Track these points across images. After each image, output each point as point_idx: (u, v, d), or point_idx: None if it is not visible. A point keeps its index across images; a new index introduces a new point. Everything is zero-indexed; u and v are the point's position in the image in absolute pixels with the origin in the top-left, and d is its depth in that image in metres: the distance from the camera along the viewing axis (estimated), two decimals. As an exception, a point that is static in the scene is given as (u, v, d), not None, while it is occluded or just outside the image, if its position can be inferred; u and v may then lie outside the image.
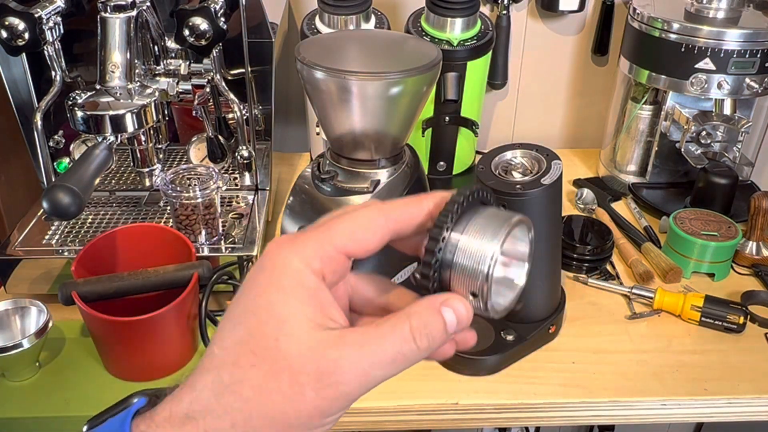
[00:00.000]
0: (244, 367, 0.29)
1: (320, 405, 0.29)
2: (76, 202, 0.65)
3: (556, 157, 0.69)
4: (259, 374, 0.29)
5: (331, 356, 0.29)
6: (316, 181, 0.69)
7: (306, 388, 0.29)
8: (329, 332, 0.30)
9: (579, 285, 0.88)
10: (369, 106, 0.64)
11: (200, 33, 0.79)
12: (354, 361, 0.30)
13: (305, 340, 0.29)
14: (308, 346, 0.29)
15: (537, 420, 0.73)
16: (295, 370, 0.29)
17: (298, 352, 0.29)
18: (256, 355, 0.29)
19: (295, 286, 0.30)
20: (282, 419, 0.29)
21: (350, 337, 0.30)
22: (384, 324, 0.31)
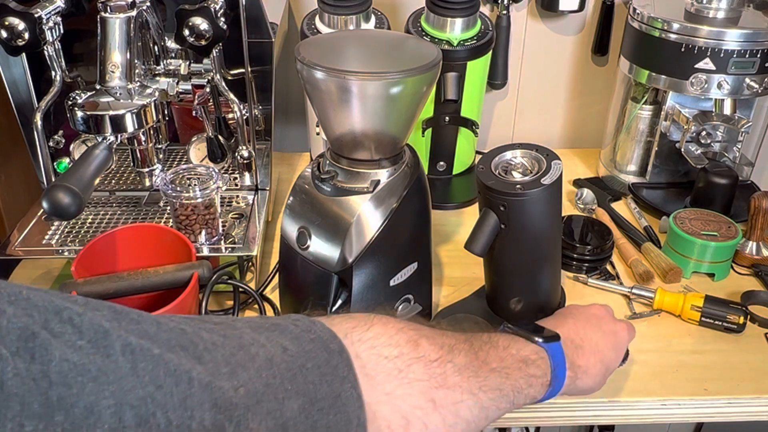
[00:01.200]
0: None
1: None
2: (76, 202, 0.65)
3: (556, 157, 0.69)
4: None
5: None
6: (316, 181, 0.69)
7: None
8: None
9: (579, 285, 0.88)
10: (369, 106, 0.64)
11: (200, 33, 0.79)
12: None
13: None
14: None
15: (537, 420, 0.73)
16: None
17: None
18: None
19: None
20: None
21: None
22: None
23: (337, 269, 0.66)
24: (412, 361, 0.42)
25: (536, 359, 0.52)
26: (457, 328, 0.50)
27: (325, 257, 0.67)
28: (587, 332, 0.61)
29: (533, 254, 0.73)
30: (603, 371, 0.60)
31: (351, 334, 0.41)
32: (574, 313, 0.64)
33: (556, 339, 0.55)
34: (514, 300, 0.75)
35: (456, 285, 0.87)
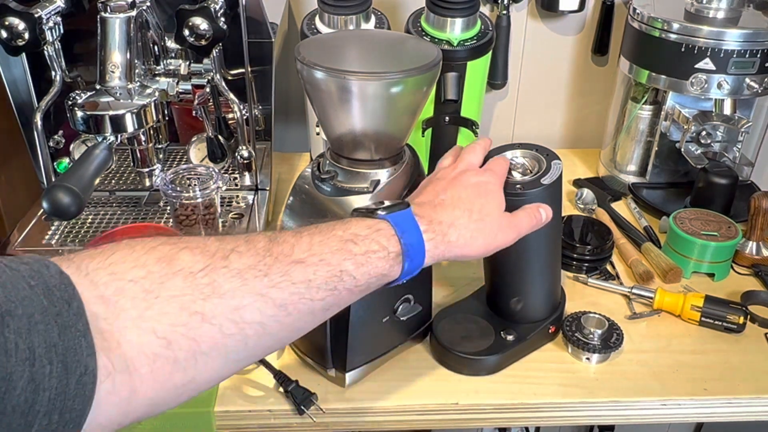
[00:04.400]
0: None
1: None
2: (76, 202, 0.65)
3: (556, 157, 0.69)
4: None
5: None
6: (316, 181, 0.69)
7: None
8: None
9: (579, 285, 0.88)
10: (369, 106, 0.64)
11: (200, 33, 0.79)
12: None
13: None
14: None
15: (537, 420, 0.73)
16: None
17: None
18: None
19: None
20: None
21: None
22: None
23: (337, 269, 0.66)
24: (165, 278, 0.40)
25: (370, 233, 0.49)
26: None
27: (325, 257, 0.67)
28: (448, 191, 0.58)
29: (533, 254, 0.73)
30: (477, 218, 0.56)
31: (89, 264, 0.39)
32: (438, 178, 0.61)
33: (401, 207, 0.53)
34: (514, 300, 0.75)
35: (456, 285, 0.87)
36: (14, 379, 0.32)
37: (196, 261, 0.42)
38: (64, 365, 0.34)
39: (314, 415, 0.69)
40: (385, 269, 0.50)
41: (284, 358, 0.75)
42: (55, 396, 0.33)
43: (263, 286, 0.43)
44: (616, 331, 0.77)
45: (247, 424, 0.70)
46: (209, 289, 0.41)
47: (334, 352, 0.69)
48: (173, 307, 0.39)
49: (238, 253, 0.44)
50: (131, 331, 0.38)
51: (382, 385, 0.72)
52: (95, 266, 0.39)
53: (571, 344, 0.76)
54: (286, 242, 0.46)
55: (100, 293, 0.38)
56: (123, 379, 0.37)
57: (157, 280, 0.40)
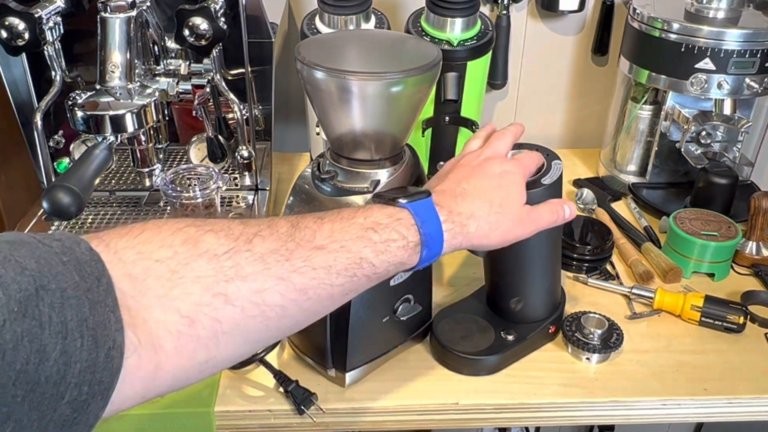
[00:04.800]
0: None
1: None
2: (76, 202, 0.65)
3: (556, 157, 0.69)
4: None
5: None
6: (316, 181, 0.69)
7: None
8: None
9: (579, 285, 0.88)
10: (369, 106, 0.64)
11: (200, 33, 0.79)
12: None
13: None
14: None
15: (537, 420, 0.73)
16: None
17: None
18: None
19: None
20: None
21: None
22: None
23: (337, 269, 0.66)
24: (191, 259, 0.41)
25: (390, 222, 0.50)
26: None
27: (325, 257, 0.66)
28: (470, 180, 0.58)
29: (533, 254, 0.73)
30: (497, 211, 0.56)
31: (117, 243, 0.40)
32: (462, 164, 0.61)
33: (422, 196, 0.53)
34: (514, 300, 0.75)
35: (456, 285, 0.87)
36: (48, 351, 0.33)
37: (220, 244, 0.43)
38: (94, 339, 0.35)
39: (314, 415, 0.69)
40: (403, 258, 0.51)
41: (284, 358, 0.75)
42: (85, 368, 0.34)
43: (285, 271, 0.44)
44: (616, 331, 0.77)
45: (247, 424, 0.70)
46: (232, 271, 0.42)
47: (334, 352, 0.69)
48: (197, 288, 0.41)
49: (261, 237, 0.45)
50: (157, 309, 0.39)
51: (382, 385, 0.72)
52: (124, 245, 0.40)
53: (571, 344, 0.76)
54: (308, 228, 0.47)
55: (128, 271, 0.39)
56: (148, 355, 0.38)
57: (182, 261, 0.41)
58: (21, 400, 0.32)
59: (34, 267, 0.35)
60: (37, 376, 0.32)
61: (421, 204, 0.53)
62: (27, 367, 0.32)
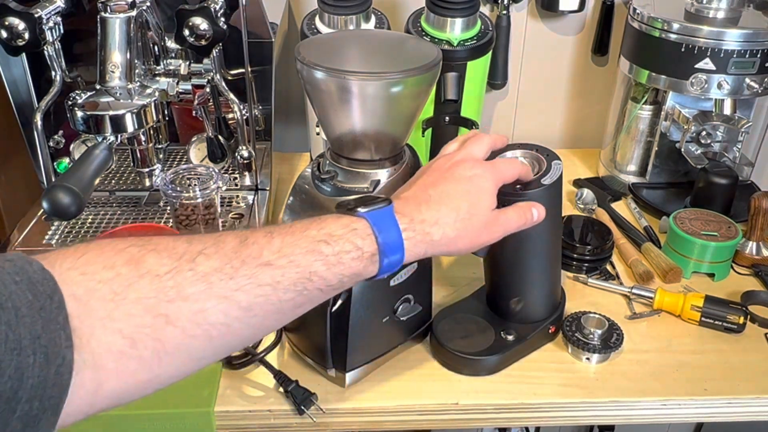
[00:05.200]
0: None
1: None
2: (76, 202, 0.65)
3: (556, 157, 0.69)
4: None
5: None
6: (316, 181, 0.69)
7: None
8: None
9: (579, 285, 0.88)
10: (369, 106, 0.64)
11: (200, 33, 0.79)
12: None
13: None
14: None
15: (537, 420, 0.73)
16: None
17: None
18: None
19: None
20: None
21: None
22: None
23: (337, 269, 0.66)
24: (132, 280, 0.41)
25: (345, 233, 0.49)
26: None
27: (325, 257, 0.66)
28: (438, 186, 0.57)
29: (533, 254, 0.73)
30: (465, 217, 0.55)
31: (63, 263, 0.40)
32: (433, 168, 0.60)
33: (381, 205, 0.52)
34: (514, 300, 0.75)
35: (456, 285, 0.87)
36: (3, 368, 0.34)
37: (162, 264, 0.43)
38: (46, 356, 0.36)
39: (314, 415, 0.69)
40: (359, 269, 0.50)
41: (284, 358, 0.75)
42: (37, 384, 0.35)
43: (228, 289, 0.44)
44: (616, 331, 0.77)
45: (247, 424, 0.70)
46: (174, 292, 0.42)
47: (334, 352, 0.69)
48: (139, 309, 0.41)
49: (206, 256, 0.44)
50: (99, 330, 0.39)
51: (382, 385, 0.72)
52: (68, 265, 0.41)
53: (571, 344, 0.76)
54: (256, 243, 0.46)
55: (73, 292, 0.39)
56: (91, 374, 0.39)
57: (124, 282, 0.41)
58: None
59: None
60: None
61: (380, 213, 0.52)
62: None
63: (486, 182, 0.58)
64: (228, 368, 0.73)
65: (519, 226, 0.61)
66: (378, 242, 0.50)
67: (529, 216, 0.62)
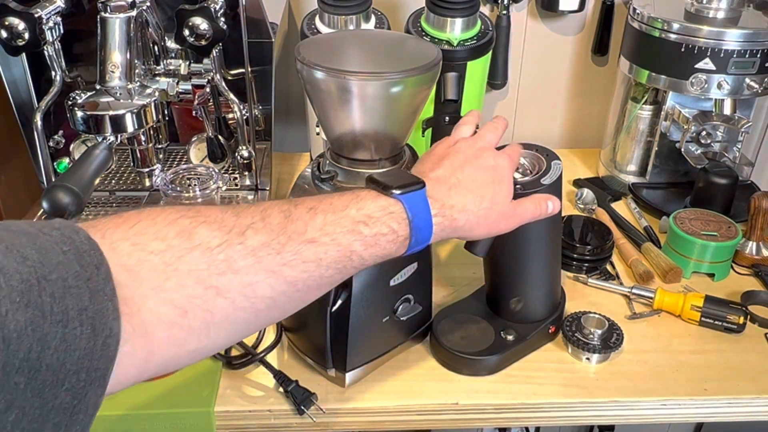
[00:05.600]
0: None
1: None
2: (76, 202, 0.66)
3: (556, 157, 0.69)
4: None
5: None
6: (316, 181, 0.69)
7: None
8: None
9: (579, 285, 0.88)
10: (369, 106, 0.64)
11: (200, 33, 0.79)
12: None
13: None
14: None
15: (537, 420, 0.73)
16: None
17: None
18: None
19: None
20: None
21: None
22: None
23: (337, 269, 0.66)
24: (184, 251, 0.42)
25: (382, 216, 0.51)
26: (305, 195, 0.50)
27: (325, 257, 0.66)
28: (465, 170, 0.58)
29: (533, 254, 0.73)
30: (487, 206, 0.57)
31: (113, 233, 0.41)
32: (457, 150, 0.61)
33: (416, 187, 0.53)
34: (514, 300, 0.75)
35: (456, 285, 0.87)
36: (49, 340, 0.34)
37: (213, 236, 0.44)
38: (93, 328, 0.36)
39: (314, 415, 0.69)
40: (392, 250, 0.52)
41: (284, 358, 0.75)
42: (84, 356, 0.35)
43: (276, 264, 0.45)
44: (616, 331, 0.77)
45: (247, 424, 0.70)
46: (225, 265, 0.43)
47: (334, 352, 0.69)
48: (190, 281, 0.42)
49: (254, 230, 0.45)
50: (151, 300, 0.40)
51: (382, 385, 0.72)
52: (119, 236, 0.41)
53: (571, 344, 0.76)
54: (300, 219, 0.48)
55: (123, 262, 0.40)
56: (141, 343, 0.39)
57: (176, 254, 0.42)
58: (24, 387, 0.32)
59: (35, 257, 0.35)
60: (39, 363, 0.33)
61: (415, 196, 0.53)
62: (29, 355, 0.33)
63: (507, 171, 0.61)
64: (228, 368, 0.73)
65: (534, 216, 0.63)
66: (411, 227, 0.52)
67: (544, 207, 0.64)
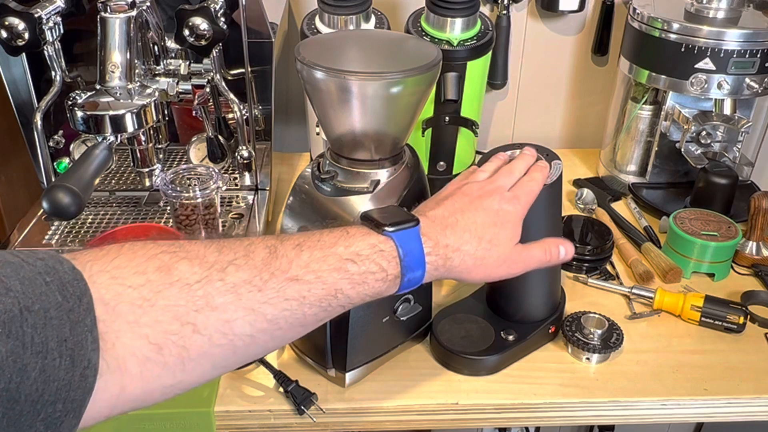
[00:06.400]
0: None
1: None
2: (76, 202, 0.65)
3: (556, 157, 0.69)
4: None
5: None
6: (316, 181, 0.69)
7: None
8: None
9: (579, 285, 0.88)
10: (369, 106, 0.64)
11: (200, 33, 0.79)
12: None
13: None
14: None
15: (537, 420, 0.73)
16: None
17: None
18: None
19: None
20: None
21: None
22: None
23: (337, 269, 0.66)
24: (163, 287, 0.41)
25: (371, 254, 0.49)
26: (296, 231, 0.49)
27: (325, 257, 0.66)
28: (466, 213, 0.56)
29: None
30: (486, 247, 0.56)
31: (93, 266, 0.41)
32: (463, 192, 0.59)
33: (409, 225, 0.52)
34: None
35: (456, 285, 0.87)
36: (28, 370, 0.34)
37: (193, 272, 0.43)
38: (72, 359, 0.36)
39: (314, 415, 0.69)
40: (381, 289, 0.50)
41: (284, 358, 0.75)
42: (62, 387, 0.35)
43: (256, 302, 0.44)
44: (616, 331, 0.77)
45: (247, 424, 0.70)
46: (203, 301, 0.42)
47: (334, 352, 0.69)
48: (167, 316, 0.41)
49: (236, 266, 0.44)
50: (126, 335, 0.40)
51: (382, 385, 0.72)
52: (98, 268, 0.41)
53: (571, 344, 0.76)
54: (285, 256, 0.47)
55: (101, 296, 0.39)
56: (114, 378, 0.39)
57: (154, 289, 0.41)
58: (1, 417, 0.33)
59: (18, 288, 0.35)
60: (18, 394, 0.33)
61: (407, 234, 0.52)
62: (9, 385, 0.33)
63: (513, 216, 0.59)
64: (228, 368, 0.73)
65: (542, 263, 0.61)
66: (402, 265, 0.51)
67: (555, 253, 0.62)
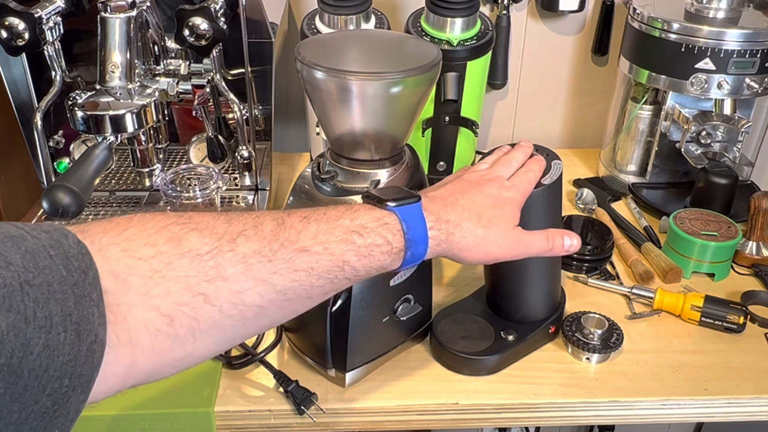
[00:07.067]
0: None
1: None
2: (76, 202, 0.65)
3: (556, 157, 0.69)
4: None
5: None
6: (316, 181, 0.69)
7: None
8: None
9: (579, 285, 0.88)
10: (369, 106, 0.64)
11: (200, 33, 0.79)
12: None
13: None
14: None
15: (537, 420, 0.73)
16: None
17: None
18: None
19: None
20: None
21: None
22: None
23: (337, 269, 0.66)
24: (173, 258, 0.41)
25: (376, 226, 0.50)
26: (299, 206, 0.49)
27: (325, 257, 0.66)
28: (465, 193, 0.58)
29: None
30: (485, 225, 0.56)
31: (102, 238, 0.40)
32: (462, 178, 0.61)
33: (411, 201, 0.53)
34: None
35: (456, 285, 0.87)
36: (32, 345, 0.33)
37: (203, 243, 0.43)
38: (77, 333, 0.35)
39: (314, 415, 0.69)
40: (386, 262, 0.51)
41: (284, 358, 0.75)
42: (67, 361, 0.35)
43: (266, 272, 0.44)
44: (616, 331, 0.77)
45: (247, 424, 0.70)
46: (214, 272, 0.42)
47: (334, 352, 0.69)
48: (178, 288, 0.41)
49: (245, 237, 0.45)
50: (137, 307, 0.40)
51: (382, 385, 0.72)
52: (108, 241, 0.41)
53: (571, 344, 0.76)
54: (293, 227, 0.47)
55: (111, 268, 0.39)
56: (125, 351, 0.39)
57: (165, 260, 0.41)
58: (3, 392, 0.32)
59: (19, 262, 0.35)
60: (21, 369, 0.33)
61: (409, 209, 0.52)
62: (11, 360, 0.32)
63: (511, 201, 0.60)
64: (228, 368, 0.73)
65: (543, 250, 0.61)
66: (406, 238, 0.51)
67: (558, 243, 0.62)
